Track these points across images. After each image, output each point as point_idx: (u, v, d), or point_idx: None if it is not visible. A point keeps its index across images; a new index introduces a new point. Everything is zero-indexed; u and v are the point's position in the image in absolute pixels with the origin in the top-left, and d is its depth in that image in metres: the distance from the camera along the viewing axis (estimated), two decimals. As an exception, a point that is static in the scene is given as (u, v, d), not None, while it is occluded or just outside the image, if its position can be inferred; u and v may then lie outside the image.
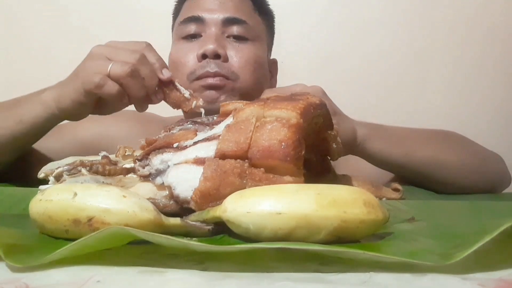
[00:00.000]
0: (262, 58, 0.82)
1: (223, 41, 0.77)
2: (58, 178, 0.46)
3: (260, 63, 0.80)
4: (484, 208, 0.56)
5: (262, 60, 0.81)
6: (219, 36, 0.77)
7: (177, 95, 0.61)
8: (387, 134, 0.70)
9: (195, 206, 0.39)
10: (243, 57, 0.77)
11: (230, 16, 0.78)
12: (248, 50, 0.78)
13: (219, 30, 0.77)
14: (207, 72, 0.74)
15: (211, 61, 0.74)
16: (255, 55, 0.79)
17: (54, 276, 0.30)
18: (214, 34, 0.76)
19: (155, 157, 0.43)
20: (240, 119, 0.40)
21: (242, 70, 0.76)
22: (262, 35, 0.84)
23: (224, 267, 0.32)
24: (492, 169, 0.77)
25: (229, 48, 0.77)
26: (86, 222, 0.34)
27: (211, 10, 0.78)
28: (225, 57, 0.75)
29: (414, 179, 0.73)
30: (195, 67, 0.75)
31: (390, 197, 0.55)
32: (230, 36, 0.78)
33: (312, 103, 0.41)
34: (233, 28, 0.78)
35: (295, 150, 0.37)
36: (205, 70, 0.74)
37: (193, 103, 0.60)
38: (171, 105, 0.62)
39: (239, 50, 0.77)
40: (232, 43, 0.78)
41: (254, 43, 0.80)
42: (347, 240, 0.34)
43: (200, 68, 0.75)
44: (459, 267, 0.30)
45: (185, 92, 0.61)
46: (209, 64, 0.74)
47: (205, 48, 0.73)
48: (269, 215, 0.33)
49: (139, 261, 0.33)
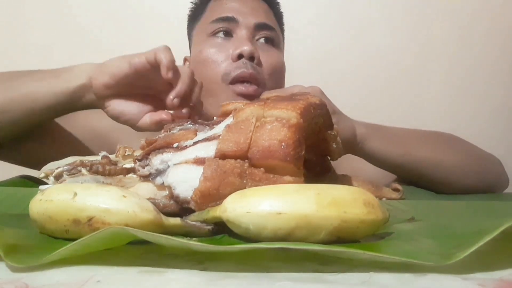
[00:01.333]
0: (284, 67, 0.84)
1: (255, 44, 0.78)
2: (58, 178, 0.46)
3: (282, 72, 0.83)
4: (484, 208, 0.56)
5: (283, 69, 0.83)
6: (251, 39, 0.78)
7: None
8: (386, 133, 0.70)
9: (195, 206, 0.39)
10: (272, 63, 0.78)
11: (262, 21, 0.79)
12: (276, 56, 0.80)
13: (250, 34, 0.78)
14: (243, 72, 0.74)
15: (247, 62, 0.74)
16: (281, 62, 0.82)
17: (54, 276, 0.30)
18: (247, 36, 0.77)
19: (155, 157, 0.43)
20: (240, 119, 0.40)
21: (270, 77, 0.77)
22: (282, 44, 0.86)
23: (224, 267, 0.32)
24: (489, 170, 0.77)
25: (260, 53, 0.77)
26: (86, 222, 0.34)
27: (244, 13, 0.79)
28: (258, 60, 0.76)
29: (413, 179, 0.73)
30: (230, 68, 0.75)
31: (390, 197, 0.55)
32: (259, 40, 0.79)
33: (312, 103, 0.41)
34: (264, 33, 0.79)
35: (295, 150, 0.37)
36: (241, 70, 0.74)
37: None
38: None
39: (269, 56, 0.79)
40: (262, 47, 0.79)
41: (279, 50, 0.82)
42: (347, 240, 0.34)
43: (235, 68, 0.74)
44: (459, 267, 0.30)
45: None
46: (246, 65, 0.74)
47: (242, 48, 0.74)
48: (269, 215, 0.33)
49: (139, 261, 0.33)
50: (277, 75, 0.79)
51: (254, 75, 0.74)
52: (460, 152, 0.76)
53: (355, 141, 0.66)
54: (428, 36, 1.28)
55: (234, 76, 0.74)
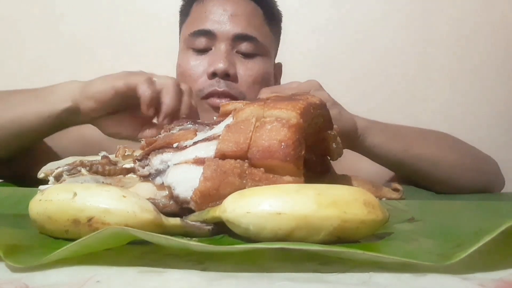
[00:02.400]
0: (269, 74, 0.82)
1: (232, 58, 0.77)
2: (58, 178, 0.46)
3: (266, 79, 0.81)
4: (484, 208, 0.56)
5: (268, 76, 0.82)
6: (229, 52, 0.77)
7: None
8: (387, 129, 0.71)
9: (195, 206, 0.39)
10: (251, 75, 0.78)
11: (241, 32, 0.78)
12: (258, 67, 0.79)
13: (229, 46, 0.77)
14: (215, 90, 0.75)
15: (220, 80, 0.75)
16: (263, 71, 0.80)
17: (54, 276, 0.30)
18: (224, 51, 0.76)
19: (155, 157, 0.43)
20: (240, 119, 0.40)
21: (249, 89, 0.77)
22: (270, 48, 0.84)
23: (224, 267, 0.32)
24: (486, 171, 0.78)
25: (238, 65, 0.77)
26: (86, 222, 0.34)
27: (222, 23, 0.78)
28: (234, 76, 0.76)
29: (411, 177, 0.74)
30: (204, 85, 0.76)
31: (390, 197, 0.55)
32: (239, 52, 0.78)
33: (312, 103, 0.41)
34: (243, 45, 0.78)
35: (295, 150, 0.37)
36: (213, 89, 0.75)
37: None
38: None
39: (248, 68, 0.78)
40: (241, 60, 0.78)
41: (263, 58, 0.80)
42: (347, 240, 0.34)
43: (209, 86, 0.75)
44: (459, 267, 0.30)
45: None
46: (218, 84, 0.75)
47: (216, 67, 0.74)
48: (269, 215, 0.33)
49: (139, 261, 0.33)
50: (259, 85, 0.77)
51: (226, 92, 0.75)
52: (458, 151, 0.76)
53: (355, 134, 0.66)
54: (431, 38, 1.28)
55: (206, 94, 0.75)
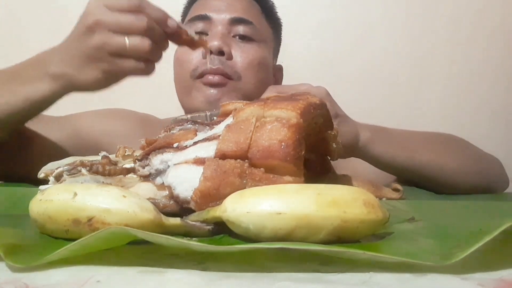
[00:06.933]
0: (266, 60, 0.82)
1: (228, 40, 0.77)
2: (58, 178, 0.46)
3: (264, 65, 0.81)
4: (484, 208, 0.56)
5: (266, 62, 0.82)
6: (225, 35, 0.77)
7: (185, 40, 0.60)
8: (390, 137, 0.70)
9: (195, 206, 0.39)
10: (247, 57, 0.77)
11: (237, 16, 0.79)
12: (254, 50, 0.79)
13: (225, 29, 0.78)
14: (209, 68, 0.74)
15: (214, 57, 0.74)
16: (259, 56, 0.80)
17: (54, 276, 0.30)
18: (220, 32, 0.77)
19: (155, 157, 0.43)
20: (240, 119, 0.40)
21: (245, 70, 0.77)
22: (268, 38, 0.84)
23: (224, 267, 0.32)
24: (490, 171, 0.78)
25: (234, 47, 0.77)
26: (86, 222, 0.34)
27: (219, 10, 0.79)
28: (229, 54, 0.76)
29: (416, 182, 0.73)
30: (198, 64, 0.76)
31: (390, 197, 0.55)
32: (236, 36, 0.78)
33: (312, 103, 0.41)
34: (240, 28, 0.78)
35: (295, 150, 0.37)
36: (207, 66, 0.74)
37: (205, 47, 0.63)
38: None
39: (244, 50, 0.78)
40: (238, 43, 0.78)
41: (260, 44, 0.80)
42: (347, 240, 0.34)
43: (203, 64, 0.75)
44: (459, 267, 0.30)
45: (193, 34, 0.61)
46: (213, 61, 0.74)
47: (210, 44, 0.73)
48: (269, 215, 0.33)
49: (139, 261, 0.33)
50: (256, 69, 0.78)
51: (220, 70, 0.74)
52: (462, 153, 0.76)
53: (357, 145, 0.65)
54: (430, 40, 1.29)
55: (200, 72, 0.75)
